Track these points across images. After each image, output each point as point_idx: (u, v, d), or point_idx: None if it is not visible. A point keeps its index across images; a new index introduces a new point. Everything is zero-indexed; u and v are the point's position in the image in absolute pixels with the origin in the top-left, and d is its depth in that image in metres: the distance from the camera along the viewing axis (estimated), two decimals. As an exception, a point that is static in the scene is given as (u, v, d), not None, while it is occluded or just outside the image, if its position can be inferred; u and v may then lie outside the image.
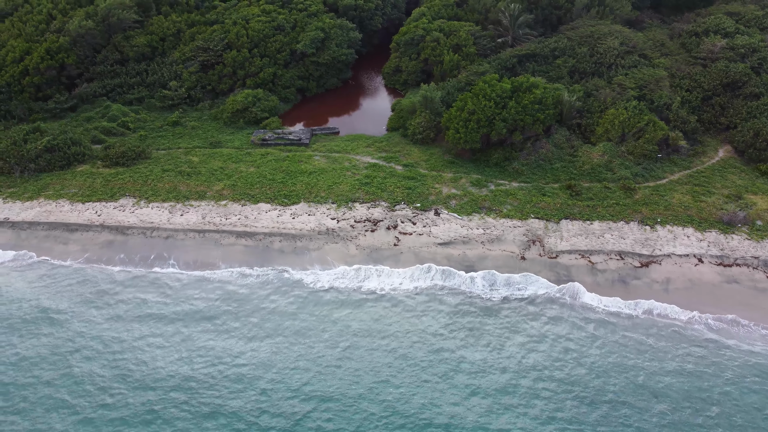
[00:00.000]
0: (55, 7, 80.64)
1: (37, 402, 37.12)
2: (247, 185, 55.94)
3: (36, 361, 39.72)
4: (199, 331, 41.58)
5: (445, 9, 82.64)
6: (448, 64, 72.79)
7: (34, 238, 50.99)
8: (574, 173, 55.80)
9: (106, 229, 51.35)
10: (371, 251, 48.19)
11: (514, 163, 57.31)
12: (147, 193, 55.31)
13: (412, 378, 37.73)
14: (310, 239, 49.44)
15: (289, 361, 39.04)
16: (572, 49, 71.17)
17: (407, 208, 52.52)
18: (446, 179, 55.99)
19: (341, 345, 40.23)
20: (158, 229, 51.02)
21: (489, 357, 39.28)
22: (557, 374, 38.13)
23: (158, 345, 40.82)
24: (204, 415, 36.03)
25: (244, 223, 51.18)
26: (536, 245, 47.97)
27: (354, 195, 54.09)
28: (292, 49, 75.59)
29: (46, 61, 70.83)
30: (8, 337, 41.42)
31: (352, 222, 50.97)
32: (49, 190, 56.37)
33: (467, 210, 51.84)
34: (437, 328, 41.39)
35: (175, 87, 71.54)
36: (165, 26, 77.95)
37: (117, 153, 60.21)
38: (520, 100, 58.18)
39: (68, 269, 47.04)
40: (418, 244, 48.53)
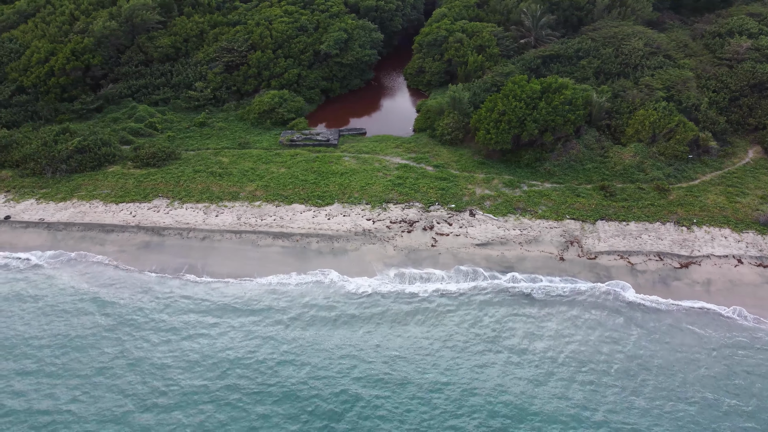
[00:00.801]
0: (77, 7, 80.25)
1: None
2: (279, 186, 55.64)
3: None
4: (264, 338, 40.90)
5: (466, 10, 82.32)
6: (472, 64, 72.50)
7: (70, 239, 50.65)
8: (606, 174, 55.53)
9: (142, 230, 51.03)
10: (409, 252, 47.90)
11: (545, 164, 57.04)
12: (180, 194, 54.99)
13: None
14: (347, 240, 49.14)
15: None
16: (596, 50, 70.84)
17: (442, 209, 52.25)
18: (478, 180, 55.71)
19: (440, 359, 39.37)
20: (194, 230, 50.69)
21: (557, 356, 39.02)
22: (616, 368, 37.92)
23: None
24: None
25: (280, 224, 50.88)
26: (574, 246, 47.71)
27: (387, 196, 53.80)
28: (315, 49, 75.27)
29: (71, 62, 70.45)
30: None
31: (387, 223, 50.69)
32: (81, 191, 56.03)
33: (502, 211, 51.58)
34: (498, 330, 40.91)
35: (201, 88, 71.19)
36: (188, 27, 77.58)
37: (147, 154, 59.88)
38: (550, 100, 57.91)
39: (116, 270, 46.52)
40: (456, 245, 48.24)
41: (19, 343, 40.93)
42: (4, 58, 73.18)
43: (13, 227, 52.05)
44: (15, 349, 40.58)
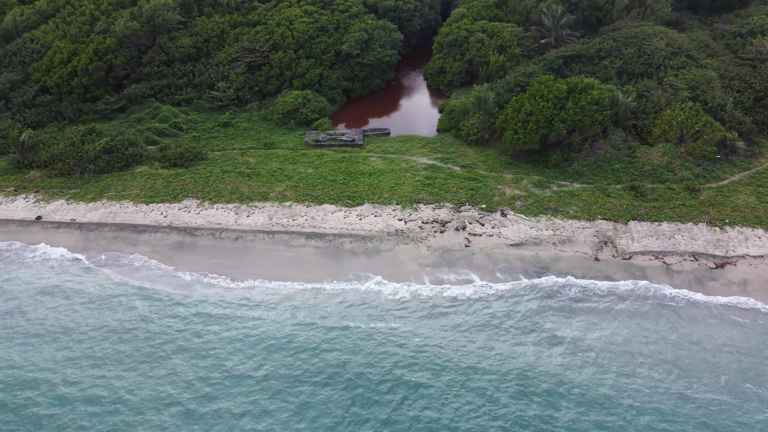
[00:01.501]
0: (97, 8, 79.94)
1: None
2: (308, 186, 55.39)
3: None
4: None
5: (485, 10, 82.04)
6: (494, 65, 72.26)
7: (102, 239, 50.40)
8: (635, 174, 55.32)
9: (174, 230, 50.78)
10: (443, 252, 47.68)
11: (573, 164, 56.80)
12: (210, 194, 54.74)
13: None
14: (380, 240, 48.91)
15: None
16: (618, 50, 70.59)
17: (473, 209, 52.02)
18: (507, 180, 55.48)
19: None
20: (227, 230, 50.45)
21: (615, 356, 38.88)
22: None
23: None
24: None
25: (312, 224, 50.63)
26: (608, 246, 47.50)
27: (417, 196, 53.57)
28: (336, 50, 74.99)
29: (94, 62, 70.12)
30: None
31: (419, 223, 50.46)
32: (110, 191, 55.76)
33: (533, 211, 51.35)
34: (547, 330, 40.67)
35: (224, 88, 70.90)
36: (209, 27, 77.28)
37: (175, 154, 59.62)
38: (577, 100, 57.68)
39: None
40: (490, 245, 48.02)
41: (68, 336, 40.79)
42: (26, 59, 72.90)
43: (45, 227, 51.80)
44: (66, 341, 40.51)
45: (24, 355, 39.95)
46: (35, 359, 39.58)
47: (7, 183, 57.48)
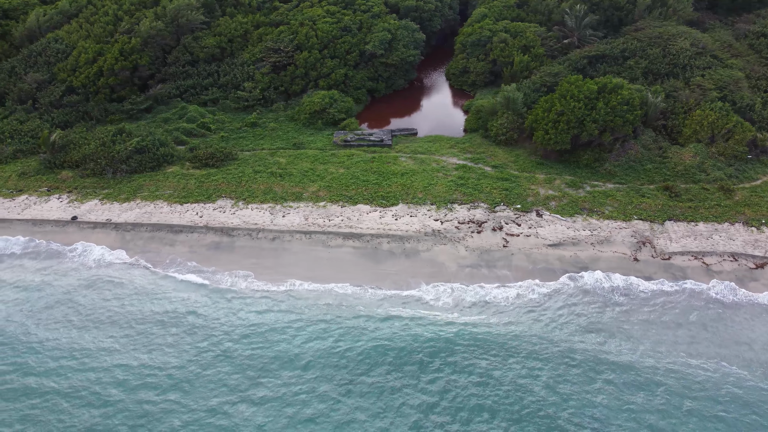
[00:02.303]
0: (120, 8, 79.54)
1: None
2: (341, 186, 55.10)
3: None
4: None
5: (507, 10, 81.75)
6: (518, 65, 71.98)
7: (139, 239, 50.11)
8: (667, 174, 55.08)
9: (210, 230, 50.49)
10: (481, 253, 47.43)
11: (605, 164, 56.55)
12: (244, 195, 54.44)
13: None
14: (417, 241, 48.65)
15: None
16: (643, 50, 70.28)
17: (508, 209, 51.76)
18: (540, 180, 55.22)
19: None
20: (263, 230, 50.17)
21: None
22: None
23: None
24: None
25: (348, 224, 50.35)
26: (647, 247, 47.28)
27: (451, 196, 53.30)
28: (360, 50, 74.64)
29: (120, 62, 69.77)
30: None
31: (456, 223, 50.19)
32: (144, 192, 55.46)
33: (569, 211, 51.11)
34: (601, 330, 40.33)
35: (250, 88, 70.56)
36: (232, 27, 76.92)
37: (206, 154, 59.32)
38: (607, 100, 57.40)
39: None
40: (528, 245, 47.78)
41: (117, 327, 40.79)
42: (51, 59, 72.53)
43: (81, 228, 51.50)
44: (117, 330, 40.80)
45: (80, 340, 40.16)
46: (91, 345, 39.75)
47: (40, 183, 57.17)
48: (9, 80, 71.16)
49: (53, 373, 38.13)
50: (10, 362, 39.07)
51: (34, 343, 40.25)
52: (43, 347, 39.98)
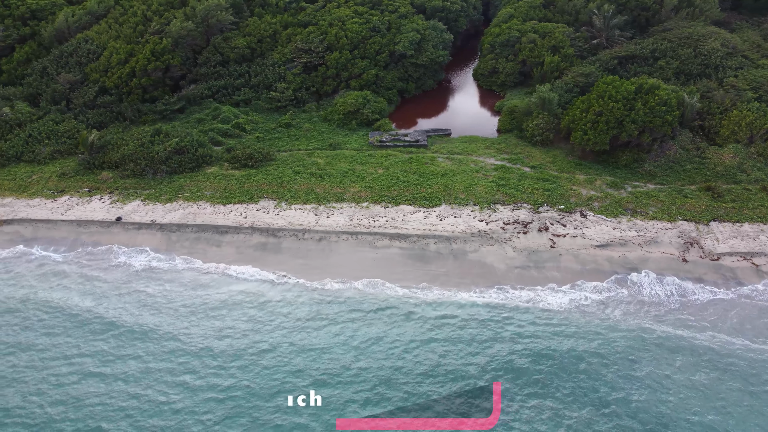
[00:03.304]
0: (148, 8, 79.15)
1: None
2: (383, 187, 54.83)
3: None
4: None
5: (533, 10, 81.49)
6: (548, 65, 71.72)
7: (185, 240, 49.82)
8: (708, 175, 54.85)
9: (256, 231, 50.21)
10: (529, 253, 47.19)
11: (644, 165, 56.31)
12: (286, 195, 54.15)
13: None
14: (464, 241, 48.40)
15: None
16: (673, 51, 70.00)
17: (551, 210, 51.53)
18: (580, 181, 54.98)
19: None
20: (309, 231, 49.89)
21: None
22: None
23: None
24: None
25: (394, 225, 50.09)
26: (694, 247, 47.05)
27: (494, 197, 53.05)
28: (390, 50, 74.31)
29: (152, 62, 69.39)
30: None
31: (501, 224, 49.95)
32: (185, 192, 55.15)
33: (613, 212, 50.88)
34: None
35: (283, 89, 70.22)
36: (261, 28, 76.55)
37: (244, 155, 59.02)
38: (646, 101, 57.15)
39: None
40: (575, 246, 47.55)
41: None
42: (82, 59, 72.14)
43: (126, 229, 51.20)
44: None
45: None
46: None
47: (80, 184, 56.84)
48: (41, 81, 70.79)
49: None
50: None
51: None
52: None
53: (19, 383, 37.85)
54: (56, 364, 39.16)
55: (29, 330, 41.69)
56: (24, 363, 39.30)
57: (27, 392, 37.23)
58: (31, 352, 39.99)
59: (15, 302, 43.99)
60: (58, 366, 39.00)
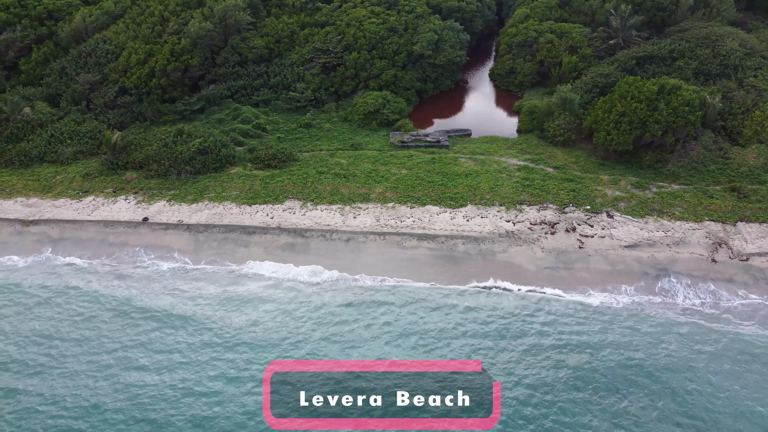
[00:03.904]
0: (165, 8, 78.91)
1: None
2: (407, 187, 54.66)
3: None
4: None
5: (549, 11, 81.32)
6: (566, 65, 71.60)
7: (213, 240, 49.64)
8: (732, 175, 54.71)
9: (284, 231, 50.04)
10: (558, 254, 47.06)
11: (668, 165, 56.17)
12: (311, 196, 53.98)
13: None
14: (492, 242, 48.26)
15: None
16: (691, 51, 69.83)
17: (577, 210, 51.38)
18: (605, 181, 54.84)
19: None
20: (337, 231, 49.73)
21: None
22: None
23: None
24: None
25: (421, 225, 49.94)
26: (723, 248, 46.93)
27: (519, 197, 52.91)
28: (408, 50, 74.11)
29: (172, 62, 69.19)
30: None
31: (528, 224, 49.81)
32: (210, 192, 54.97)
33: (639, 212, 50.75)
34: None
35: (302, 89, 70.03)
36: (279, 28, 76.36)
37: (267, 155, 58.84)
38: (669, 101, 57.02)
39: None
40: (603, 246, 47.41)
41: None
42: (101, 59, 71.92)
43: (153, 229, 51.01)
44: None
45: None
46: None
47: (105, 184, 56.63)
48: (60, 81, 70.58)
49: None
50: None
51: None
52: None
53: (63, 376, 38.01)
54: (100, 353, 39.51)
55: (76, 322, 41.96)
56: (71, 353, 39.63)
57: (74, 385, 37.31)
58: (71, 343, 40.23)
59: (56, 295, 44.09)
60: (102, 356, 39.26)
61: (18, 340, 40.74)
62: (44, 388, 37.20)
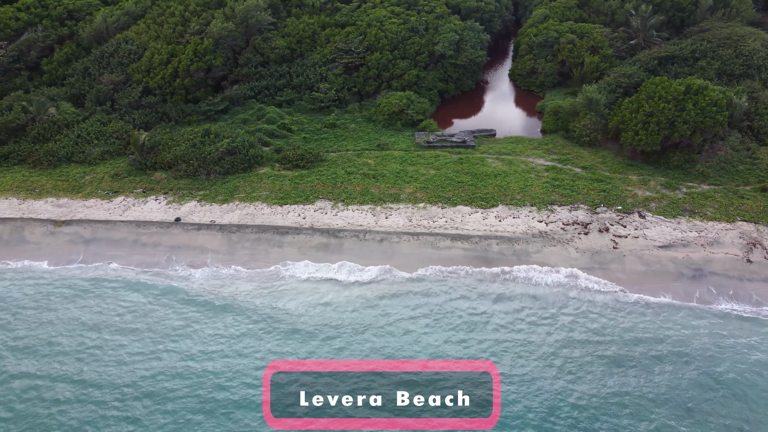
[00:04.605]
0: (185, 9, 78.61)
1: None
2: (437, 187, 54.46)
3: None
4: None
5: (568, 11, 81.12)
6: (588, 66, 71.38)
7: (246, 241, 49.42)
8: (761, 175, 54.58)
9: (317, 231, 49.85)
10: (592, 254, 46.90)
11: (696, 166, 56.03)
12: (341, 196, 53.77)
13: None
14: (526, 242, 48.09)
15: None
16: (713, 51, 69.63)
17: (609, 210, 51.21)
18: (634, 181, 54.68)
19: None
20: (370, 231, 49.53)
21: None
22: None
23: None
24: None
25: (453, 225, 49.77)
26: (757, 248, 46.77)
27: (550, 197, 52.72)
28: (430, 51, 73.87)
29: (195, 63, 68.92)
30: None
31: (560, 225, 49.64)
32: (240, 193, 54.75)
33: (671, 212, 50.59)
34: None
35: (326, 89, 69.79)
36: (300, 28, 76.09)
37: (295, 155, 58.63)
38: (696, 101, 56.84)
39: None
40: (638, 246, 47.24)
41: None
42: (124, 59, 71.64)
43: (186, 229, 50.79)
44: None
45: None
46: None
47: (134, 185, 56.38)
48: (83, 81, 70.32)
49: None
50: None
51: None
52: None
53: (120, 364, 38.48)
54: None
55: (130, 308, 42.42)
56: (128, 341, 40.11)
57: (129, 370, 37.82)
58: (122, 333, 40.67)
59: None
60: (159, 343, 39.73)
61: (69, 329, 40.85)
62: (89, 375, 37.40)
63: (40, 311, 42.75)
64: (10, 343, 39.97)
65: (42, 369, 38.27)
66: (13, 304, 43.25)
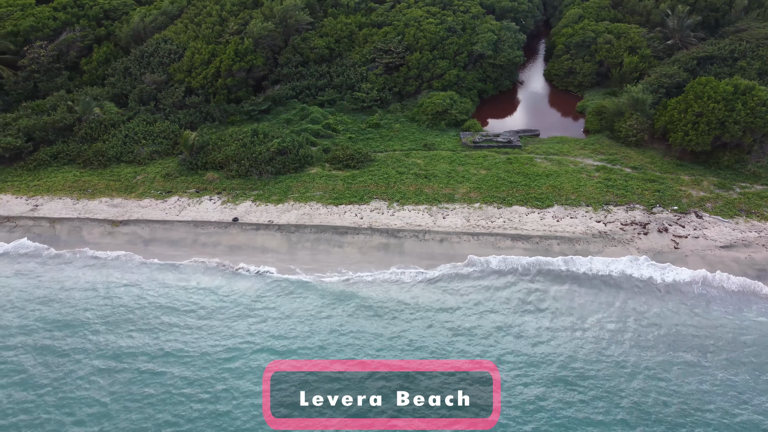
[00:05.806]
0: (222, 8, 78.19)
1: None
2: (491, 187, 54.15)
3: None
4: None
5: (603, 11, 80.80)
6: (627, 66, 71.09)
7: (306, 241, 49.07)
8: (812, 175, 54.34)
9: (376, 232, 49.51)
10: (654, 254, 46.59)
11: (747, 166, 55.77)
12: (395, 196, 53.44)
13: None
14: (587, 242, 47.81)
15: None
16: (753, 51, 69.33)
17: (665, 210, 50.95)
18: (686, 182, 54.40)
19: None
20: (429, 232, 49.22)
21: None
22: None
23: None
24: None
25: (512, 225, 49.46)
26: (819, 248, 46.55)
27: (604, 197, 52.44)
28: (468, 51, 73.50)
29: (237, 63, 68.53)
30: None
31: (619, 225, 49.37)
32: (294, 193, 54.40)
33: (727, 213, 50.33)
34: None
35: (368, 89, 69.42)
36: (338, 28, 75.70)
37: (345, 155, 58.29)
38: (745, 102, 56.55)
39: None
40: (699, 247, 46.98)
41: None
42: (164, 59, 71.22)
43: (244, 229, 50.46)
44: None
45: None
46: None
47: (186, 185, 56.01)
48: (125, 81, 69.91)
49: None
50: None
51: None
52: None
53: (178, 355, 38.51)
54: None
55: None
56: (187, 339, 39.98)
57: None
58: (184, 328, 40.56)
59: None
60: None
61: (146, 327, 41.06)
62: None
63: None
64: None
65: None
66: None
